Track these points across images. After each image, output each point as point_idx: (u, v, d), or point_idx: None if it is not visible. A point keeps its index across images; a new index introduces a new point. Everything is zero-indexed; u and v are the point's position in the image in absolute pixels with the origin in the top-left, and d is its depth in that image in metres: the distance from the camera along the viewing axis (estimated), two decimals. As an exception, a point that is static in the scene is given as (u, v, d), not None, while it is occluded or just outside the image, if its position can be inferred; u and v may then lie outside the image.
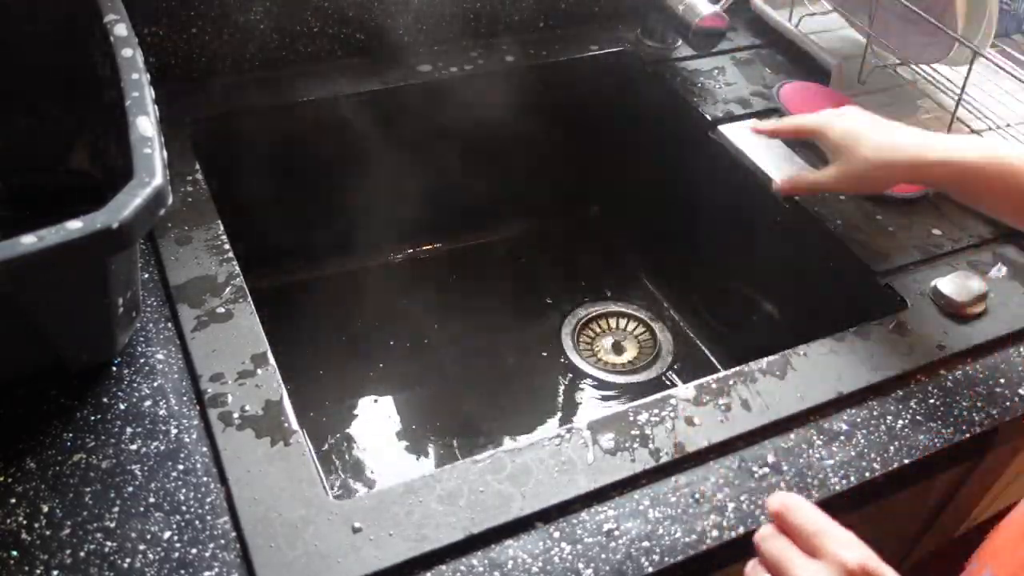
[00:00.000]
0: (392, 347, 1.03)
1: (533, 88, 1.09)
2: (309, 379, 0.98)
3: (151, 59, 0.92)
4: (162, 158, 0.59)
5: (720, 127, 1.01)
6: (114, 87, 0.66)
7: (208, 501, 0.58)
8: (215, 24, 0.94)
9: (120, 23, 0.69)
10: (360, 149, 1.04)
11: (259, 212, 1.04)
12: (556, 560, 0.57)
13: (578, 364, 1.04)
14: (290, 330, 1.02)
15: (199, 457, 0.61)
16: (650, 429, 0.65)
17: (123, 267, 0.61)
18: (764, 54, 1.14)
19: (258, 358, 0.67)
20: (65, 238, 0.52)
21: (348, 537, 0.57)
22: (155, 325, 0.69)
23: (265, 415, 0.63)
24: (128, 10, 0.71)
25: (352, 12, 1.00)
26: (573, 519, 0.60)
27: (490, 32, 1.10)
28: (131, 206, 0.54)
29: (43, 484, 0.58)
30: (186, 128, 0.89)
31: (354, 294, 1.09)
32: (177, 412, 0.63)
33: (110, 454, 0.60)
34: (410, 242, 1.15)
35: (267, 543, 0.56)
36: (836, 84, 1.05)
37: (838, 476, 0.65)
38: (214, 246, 0.76)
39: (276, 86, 0.97)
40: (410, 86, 1.01)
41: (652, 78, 1.10)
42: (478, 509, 0.59)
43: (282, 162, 1.00)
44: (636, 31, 1.13)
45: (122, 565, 0.54)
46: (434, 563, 0.57)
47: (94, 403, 0.63)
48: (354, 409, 0.96)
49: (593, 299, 1.11)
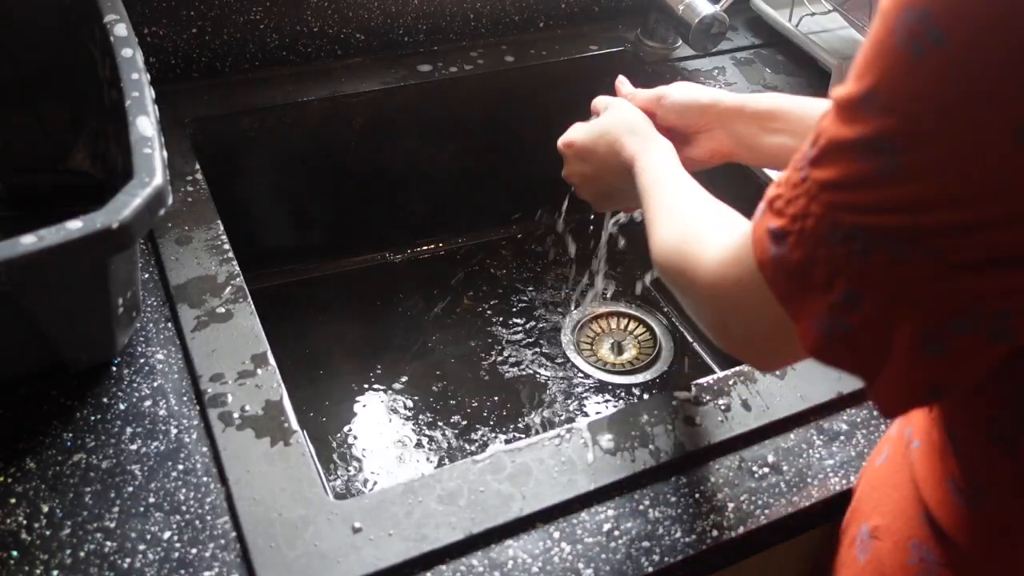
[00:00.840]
0: (392, 347, 1.03)
1: (533, 88, 1.09)
2: (309, 379, 0.98)
3: (151, 59, 0.92)
4: (162, 158, 0.59)
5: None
6: (114, 87, 0.66)
7: (208, 501, 0.58)
8: (215, 24, 0.94)
9: (120, 23, 0.69)
10: (360, 149, 1.04)
11: (259, 212, 1.04)
12: (556, 560, 0.57)
13: (578, 364, 1.04)
14: (290, 330, 1.02)
15: (199, 457, 0.61)
16: (650, 429, 0.65)
17: (123, 267, 0.61)
18: (764, 54, 1.14)
19: (258, 358, 0.67)
20: (65, 238, 0.52)
21: (348, 537, 0.57)
22: (155, 325, 0.69)
23: (265, 415, 0.63)
24: (128, 10, 0.71)
25: (352, 12, 1.00)
26: (573, 519, 0.60)
27: (490, 32, 1.10)
28: (131, 206, 0.54)
29: (43, 484, 0.58)
30: (186, 128, 0.89)
31: (354, 294, 1.09)
32: (177, 412, 0.63)
33: (110, 454, 0.60)
34: (410, 242, 1.15)
35: (267, 543, 0.56)
36: (836, 83, 1.05)
37: (838, 476, 0.65)
38: (214, 246, 0.76)
39: (276, 86, 0.97)
40: (410, 86, 1.01)
41: (652, 78, 1.10)
42: (478, 509, 0.59)
43: (282, 162, 1.00)
44: (636, 31, 1.13)
45: (122, 565, 0.54)
46: (434, 563, 0.57)
47: (94, 403, 0.63)
48: (354, 409, 0.96)
49: (593, 299, 1.11)
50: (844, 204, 0.38)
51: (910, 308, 0.38)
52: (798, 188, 0.41)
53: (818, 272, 0.40)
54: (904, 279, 0.38)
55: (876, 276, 0.38)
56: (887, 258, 0.37)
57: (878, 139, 0.36)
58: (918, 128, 0.35)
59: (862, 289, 0.39)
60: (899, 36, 0.35)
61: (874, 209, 0.37)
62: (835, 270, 0.39)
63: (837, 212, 0.38)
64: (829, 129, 0.39)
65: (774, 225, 0.42)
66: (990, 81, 0.33)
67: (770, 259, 0.42)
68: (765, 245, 0.43)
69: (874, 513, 0.56)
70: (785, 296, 0.43)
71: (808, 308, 0.41)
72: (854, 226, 0.38)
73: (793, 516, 0.62)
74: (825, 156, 0.39)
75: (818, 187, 0.39)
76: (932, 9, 0.34)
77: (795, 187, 0.41)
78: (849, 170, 0.38)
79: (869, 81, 0.36)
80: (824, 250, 0.39)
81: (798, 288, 0.41)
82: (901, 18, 0.35)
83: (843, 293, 0.39)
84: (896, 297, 0.38)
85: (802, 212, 0.40)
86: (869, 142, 0.37)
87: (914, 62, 0.35)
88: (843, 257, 0.39)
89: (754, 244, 0.44)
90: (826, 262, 0.39)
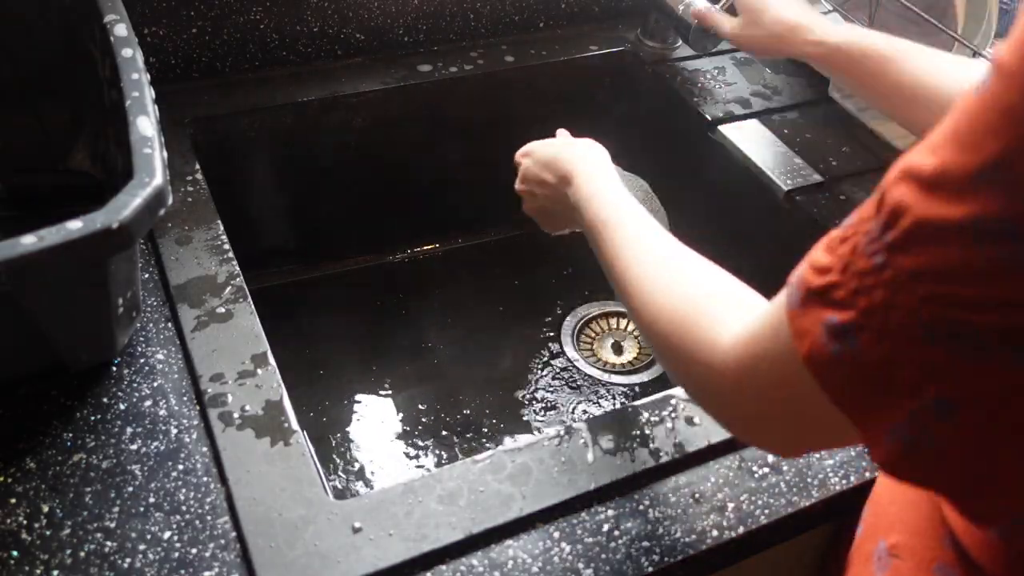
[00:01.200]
0: (392, 347, 1.03)
1: (533, 88, 1.09)
2: (309, 379, 0.98)
3: (151, 59, 0.92)
4: (162, 158, 0.59)
5: (720, 127, 1.01)
6: (114, 87, 0.66)
7: (208, 501, 0.58)
8: (215, 24, 0.94)
9: (120, 23, 0.69)
10: (360, 149, 1.04)
11: (259, 212, 1.04)
12: (556, 560, 0.57)
13: (578, 364, 1.04)
14: (290, 330, 1.02)
15: (199, 457, 0.61)
16: (650, 429, 0.65)
17: (123, 267, 0.61)
18: (764, 54, 1.14)
19: (258, 358, 0.67)
20: (65, 238, 0.52)
21: (348, 537, 0.57)
22: (155, 325, 0.69)
23: (265, 415, 0.63)
24: (128, 10, 0.71)
25: (352, 12, 1.00)
26: (573, 519, 0.60)
27: (490, 32, 1.10)
28: (131, 206, 0.54)
29: (43, 484, 0.58)
30: (186, 128, 0.89)
31: (354, 294, 1.09)
32: (177, 412, 0.63)
33: (110, 454, 0.60)
34: (410, 242, 1.15)
35: (267, 543, 0.56)
36: (836, 86, 1.05)
37: (838, 476, 0.65)
38: (214, 246, 0.76)
39: (276, 86, 0.97)
40: (410, 86, 1.01)
41: (652, 78, 1.10)
42: (478, 509, 0.59)
43: (282, 162, 1.00)
44: (636, 31, 1.13)
45: (122, 565, 0.54)
46: (434, 563, 0.57)
47: (94, 403, 0.63)
48: (354, 409, 0.96)
49: (593, 299, 1.11)
50: (947, 298, 0.32)
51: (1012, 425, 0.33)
52: (872, 276, 0.34)
53: (903, 376, 0.34)
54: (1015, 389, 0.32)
55: (981, 384, 0.33)
56: (999, 364, 0.32)
57: (998, 221, 0.30)
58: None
59: (959, 398, 0.33)
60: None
61: (990, 305, 0.31)
62: (927, 375, 0.34)
63: (937, 306, 0.32)
64: (916, 207, 0.32)
65: (836, 319, 0.36)
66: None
67: (829, 357, 0.36)
68: (819, 340, 0.37)
69: (892, 530, 0.52)
70: (851, 402, 0.37)
71: (882, 415, 0.36)
72: (960, 323, 0.32)
73: (793, 516, 0.62)
74: (914, 240, 0.33)
75: (907, 276, 0.33)
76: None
77: (866, 275, 0.35)
78: (954, 258, 0.31)
79: (989, 151, 0.30)
80: (916, 352, 0.34)
81: (870, 392, 0.36)
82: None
83: (935, 402, 0.34)
84: (1001, 409, 0.33)
85: (882, 304, 0.34)
86: (984, 225, 0.31)
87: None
88: (942, 360, 0.33)
89: (798, 338, 0.38)
90: (916, 365, 0.34)
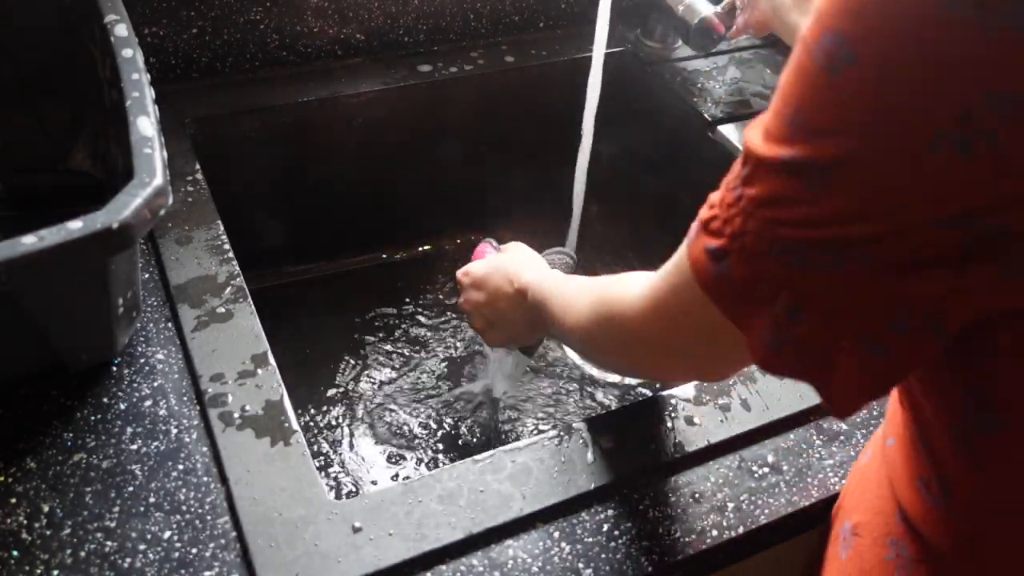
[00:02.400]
0: (392, 347, 1.03)
1: (533, 88, 1.09)
2: (309, 379, 0.98)
3: (151, 59, 0.92)
4: (162, 158, 0.59)
5: (720, 127, 1.01)
6: (114, 87, 0.66)
7: (208, 501, 0.58)
8: (215, 24, 0.94)
9: (120, 23, 0.69)
10: (360, 149, 1.04)
11: (259, 212, 1.04)
12: (556, 560, 0.58)
13: (578, 364, 1.04)
14: (290, 330, 1.02)
15: (199, 457, 0.61)
16: (650, 429, 0.65)
17: (123, 267, 0.61)
18: (764, 54, 1.14)
19: (258, 358, 0.67)
20: (65, 238, 0.52)
21: (348, 537, 0.57)
22: (155, 325, 0.69)
23: (265, 415, 0.63)
24: (128, 10, 0.71)
25: (352, 12, 1.00)
26: (573, 519, 0.60)
27: (490, 32, 1.10)
28: (131, 206, 0.54)
29: (43, 484, 0.58)
30: (186, 128, 0.89)
31: (354, 294, 1.09)
32: (177, 412, 0.63)
33: (110, 454, 0.60)
34: (410, 242, 1.15)
35: (267, 543, 0.56)
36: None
37: (838, 476, 0.65)
38: (214, 246, 0.76)
39: (276, 86, 0.97)
40: (410, 86, 1.01)
41: (652, 78, 1.10)
42: (478, 509, 0.59)
43: (282, 162, 1.00)
44: (636, 31, 1.13)
45: (122, 565, 0.54)
46: (434, 563, 0.57)
47: (94, 403, 0.63)
48: (354, 409, 0.96)
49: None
50: (778, 220, 0.39)
51: (849, 316, 0.40)
52: (733, 208, 0.42)
53: (761, 287, 0.41)
54: (839, 288, 0.39)
55: (813, 287, 0.40)
56: (821, 269, 0.39)
57: (803, 160, 0.38)
58: (839, 146, 0.36)
59: (802, 301, 0.40)
60: (817, 60, 0.36)
61: (805, 223, 0.38)
62: (776, 284, 0.41)
63: (773, 227, 0.40)
64: (758, 150, 0.40)
65: (713, 245, 0.43)
66: (899, 95, 0.34)
67: (713, 278, 0.43)
68: (705, 265, 0.44)
69: (855, 510, 0.57)
70: (732, 312, 0.44)
71: (755, 322, 0.43)
72: (789, 240, 0.39)
73: (793, 516, 0.62)
74: (756, 176, 0.40)
75: (753, 205, 0.40)
76: (845, 31, 0.35)
77: (730, 207, 0.42)
78: (780, 188, 0.39)
79: (792, 105, 0.38)
80: (765, 265, 0.41)
81: (744, 303, 0.43)
82: (819, 42, 0.36)
83: (785, 306, 0.41)
84: (834, 306, 0.40)
85: (740, 230, 0.41)
86: (795, 162, 0.38)
87: (831, 83, 0.36)
88: (782, 271, 0.40)
89: (693, 265, 0.45)
90: (767, 277, 0.41)
